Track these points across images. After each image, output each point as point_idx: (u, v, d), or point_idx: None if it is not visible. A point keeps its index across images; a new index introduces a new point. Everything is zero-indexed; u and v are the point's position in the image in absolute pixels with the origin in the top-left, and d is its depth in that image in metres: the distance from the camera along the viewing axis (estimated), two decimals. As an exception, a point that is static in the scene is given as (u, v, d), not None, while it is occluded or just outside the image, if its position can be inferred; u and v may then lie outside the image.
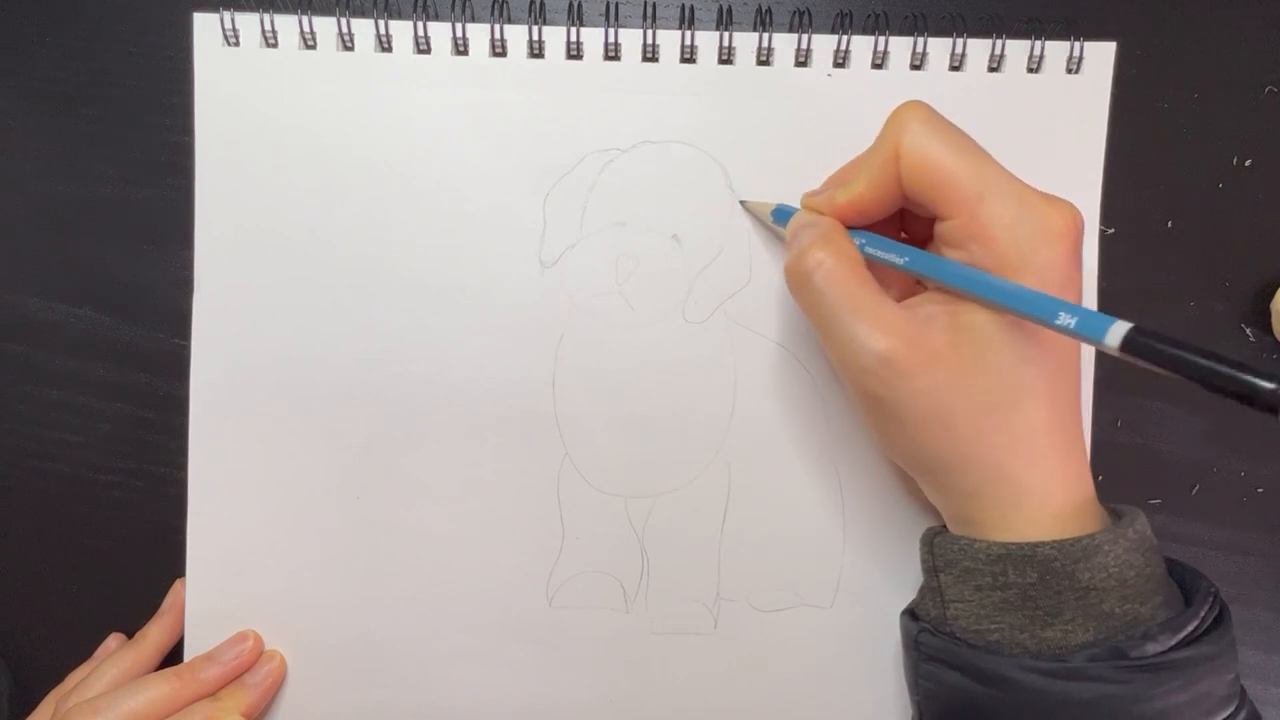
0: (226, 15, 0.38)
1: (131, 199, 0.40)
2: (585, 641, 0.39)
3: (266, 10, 0.38)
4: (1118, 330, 0.26)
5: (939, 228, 0.31)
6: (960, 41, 0.37)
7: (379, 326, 0.38)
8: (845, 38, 0.37)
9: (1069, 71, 0.37)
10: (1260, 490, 0.40)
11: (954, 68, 0.37)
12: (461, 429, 0.39)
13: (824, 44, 0.37)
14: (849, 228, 0.33)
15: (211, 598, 0.39)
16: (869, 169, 0.32)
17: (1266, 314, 0.39)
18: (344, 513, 0.39)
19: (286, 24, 0.38)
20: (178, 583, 0.40)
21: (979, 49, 0.37)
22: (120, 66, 0.40)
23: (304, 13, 0.37)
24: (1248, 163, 0.40)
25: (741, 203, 0.38)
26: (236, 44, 0.38)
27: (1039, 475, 0.31)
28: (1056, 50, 0.37)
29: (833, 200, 0.33)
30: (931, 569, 0.33)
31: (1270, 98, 0.40)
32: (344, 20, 0.38)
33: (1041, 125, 0.38)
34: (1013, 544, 0.30)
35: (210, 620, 0.39)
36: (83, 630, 0.41)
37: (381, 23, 0.38)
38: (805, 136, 0.38)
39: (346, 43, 0.38)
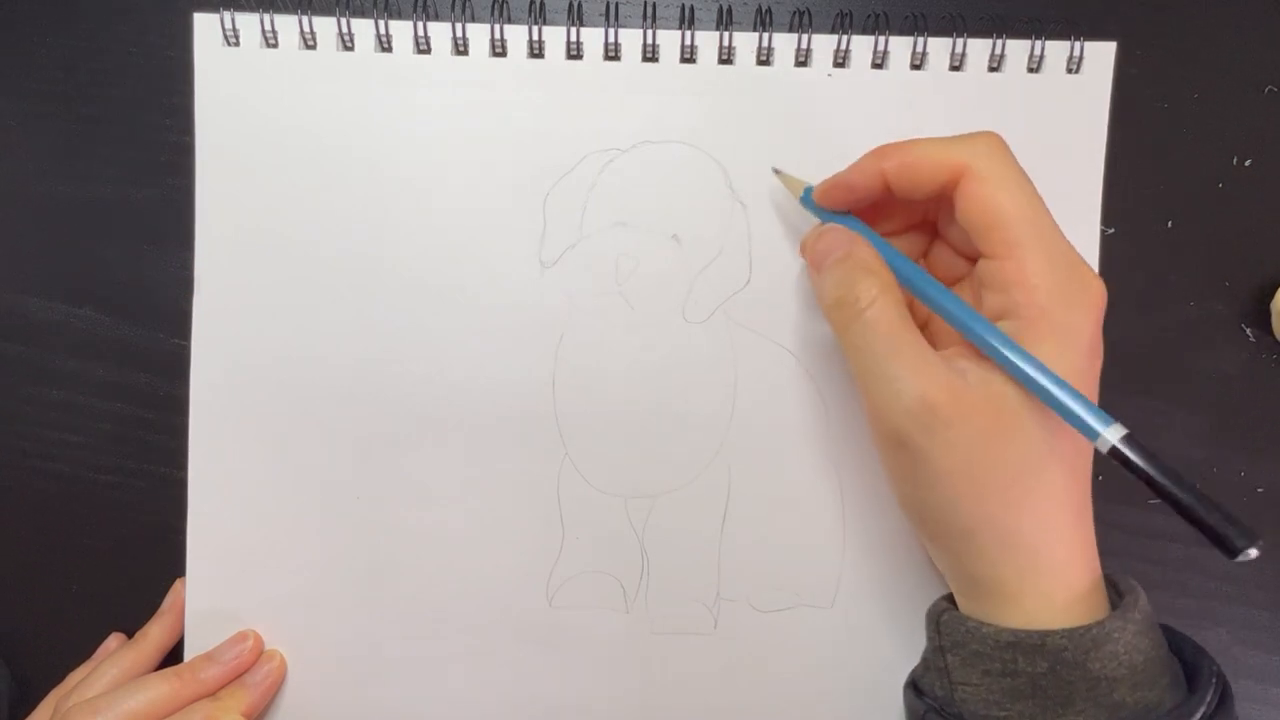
0: (227, 15, 0.38)
1: (131, 199, 0.40)
2: (585, 642, 0.39)
3: (266, 10, 0.38)
4: (1114, 433, 0.28)
5: (983, 265, 0.31)
6: (960, 41, 0.37)
7: (379, 326, 0.38)
8: (845, 38, 0.37)
9: (1069, 71, 0.37)
10: (1260, 490, 0.40)
11: (954, 68, 0.37)
12: (462, 429, 0.39)
13: (824, 44, 0.37)
14: (846, 208, 0.34)
15: (211, 598, 0.39)
16: (915, 154, 0.31)
17: (1266, 314, 0.39)
18: (344, 513, 0.39)
19: (286, 24, 0.38)
20: (178, 582, 0.40)
21: (979, 49, 0.37)
22: (120, 66, 0.40)
23: (304, 13, 0.37)
24: (1248, 163, 0.40)
25: (775, 171, 0.37)
26: (237, 44, 0.38)
27: (1057, 548, 0.31)
28: (1057, 50, 0.37)
29: (861, 167, 0.33)
30: (938, 648, 0.33)
31: (1270, 98, 0.40)
32: (344, 20, 0.38)
33: (1042, 125, 0.37)
34: (1022, 631, 0.30)
35: (210, 620, 0.39)
36: (83, 630, 0.41)
37: (381, 23, 0.38)
38: (805, 136, 0.38)
39: (346, 43, 0.38)
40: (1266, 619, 0.40)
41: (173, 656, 0.40)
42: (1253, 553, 0.26)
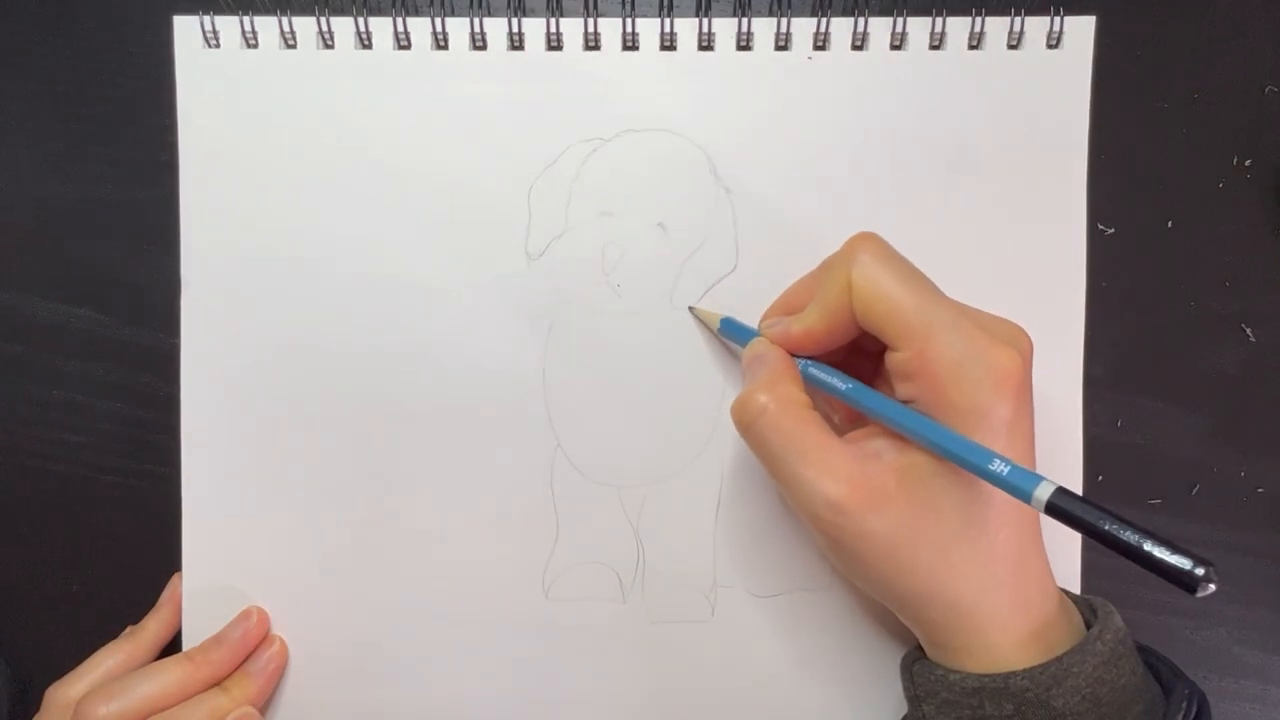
0: (206, 18, 0.38)
1: (131, 199, 0.41)
2: (583, 633, 0.39)
3: (246, 12, 0.38)
4: (1044, 490, 0.27)
5: (889, 358, 0.31)
6: (940, 20, 0.37)
7: (367, 323, 0.39)
8: (824, 20, 0.37)
9: (1050, 47, 0.37)
10: (1260, 490, 0.40)
11: (934, 47, 0.38)
12: (452, 423, 0.39)
13: (803, 27, 0.37)
14: (801, 355, 0.34)
15: (208, 591, 0.39)
16: (822, 299, 0.32)
17: (1266, 314, 0.39)
18: (337, 507, 0.39)
19: (266, 24, 0.38)
20: (175, 576, 0.40)
21: (959, 27, 0.37)
22: (120, 66, 0.41)
23: (283, 13, 0.38)
24: (1248, 163, 0.40)
25: (690, 309, 0.38)
26: (217, 46, 0.38)
27: (997, 605, 0.31)
28: (1037, 26, 0.37)
29: (788, 332, 0.33)
30: (914, 698, 0.33)
31: (1270, 98, 0.40)
32: (324, 19, 0.38)
33: (1024, 101, 0.38)
34: (986, 676, 0.30)
35: (207, 614, 0.39)
36: (83, 630, 0.41)
37: (361, 20, 0.38)
38: (787, 121, 0.38)
39: (327, 41, 0.38)
40: (1266, 619, 0.40)
41: (170, 651, 0.40)
42: (1211, 587, 0.24)
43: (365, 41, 0.38)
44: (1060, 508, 0.26)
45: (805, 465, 0.31)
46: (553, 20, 0.38)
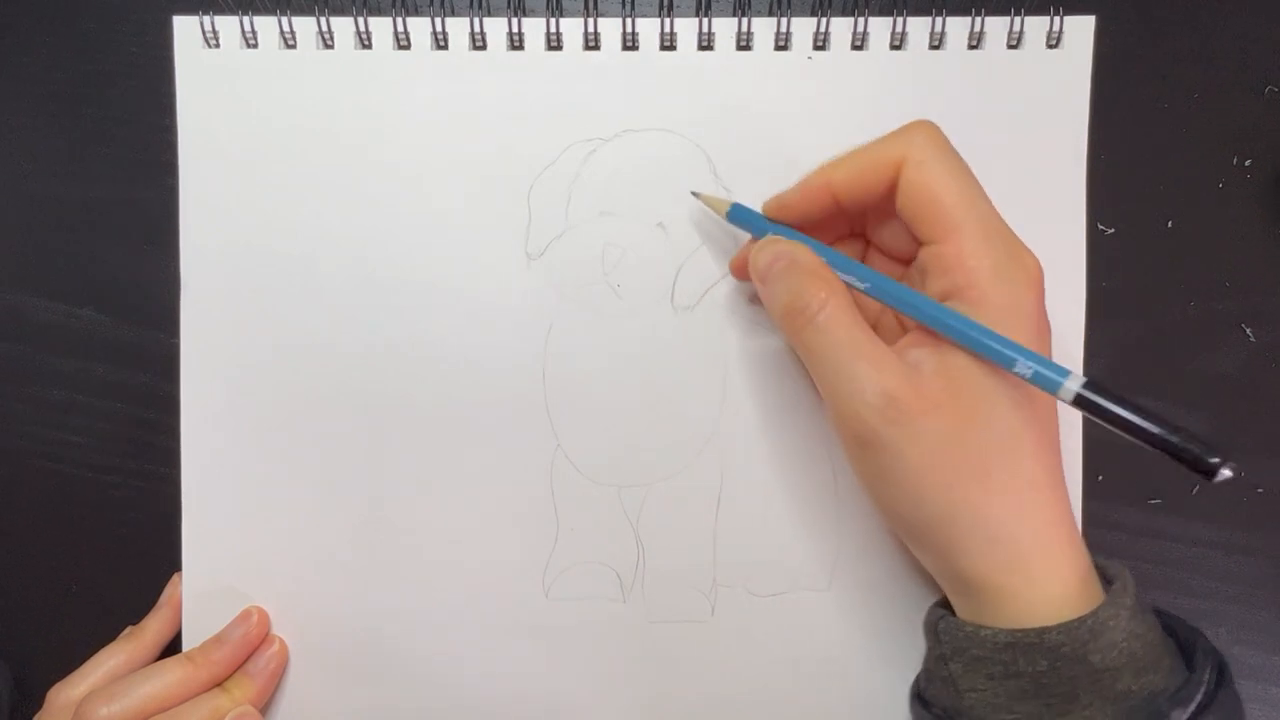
0: (206, 18, 0.38)
1: (131, 199, 0.41)
2: (583, 632, 0.39)
3: (246, 12, 0.38)
4: (1073, 384, 0.28)
5: (924, 252, 0.31)
6: (940, 20, 0.37)
7: (368, 323, 0.39)
8: (824, 20, 0.37)
9: (1049, 46, 0.37)
10: (1260, 490, 0.40)
11: (934, 46, 0.38)
12: (452, 423, 0.39)
13: (803, 27, 0.37)
14: (784, 222, 0.34)
15: (208, 590, 0.39)
16: (856, 161, 0.32)
17: (1267, 314, 0.39)
18: (338, 509, 0.39)
19: (266, 24, 0.38)
20: (175, 576, 0.40)
21: (958, 26, 0.37)
22: (120, 66, 0.41)
23: (283, 13, 0.38)
24: (1248, 163, 0.40)
25: (694, 193, 0.37)
26: (217, 46, 0.38)
27: (1040, 534, 0.30)
28: (1036, 25, 0.37)
29: (782, 199, 0.34)
30: (940, 657, 0.32)
31: (1270, 98, 0.40)
32: (323, 19, 0.38)
33: (1024, 101, 0.38)
34: (1019, 631, 0.30)
35: (208, 613, 0.39)
36: (83, 630, 0.41)
37: (361, 20, 0.38)
38: (787, 120, 0.38)
39: (327, 41, 0.38)
40: (1266, 619, 0.40)
41: (170, 651, 0.40)
42: (1226, 473, 0.26)
43: (365, 41, 0.38)
44: (1089, 399, 0.28)
45: (860, 362, 0.30)
46: (553, 20, 0.38)
